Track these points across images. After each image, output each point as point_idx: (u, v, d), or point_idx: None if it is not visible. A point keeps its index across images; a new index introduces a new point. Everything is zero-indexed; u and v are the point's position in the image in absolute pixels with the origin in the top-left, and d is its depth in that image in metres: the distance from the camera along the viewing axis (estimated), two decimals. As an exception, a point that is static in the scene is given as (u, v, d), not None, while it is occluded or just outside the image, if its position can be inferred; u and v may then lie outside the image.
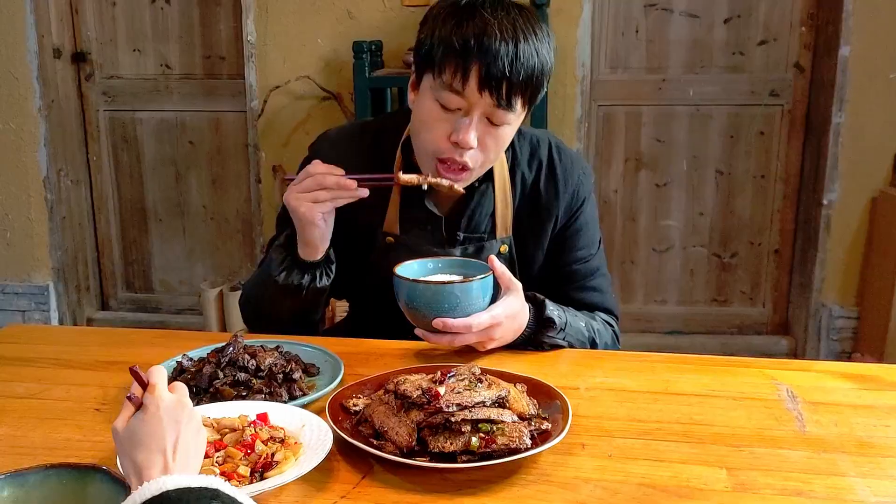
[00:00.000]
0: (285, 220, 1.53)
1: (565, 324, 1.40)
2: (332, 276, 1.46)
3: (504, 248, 1.50)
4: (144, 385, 0.89)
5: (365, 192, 1.35)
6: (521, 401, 1.09)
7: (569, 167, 1.52)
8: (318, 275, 1.43)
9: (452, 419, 1.00)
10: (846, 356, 3.25)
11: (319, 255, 1.42)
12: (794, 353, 3.40)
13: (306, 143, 1.56)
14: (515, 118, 1.35)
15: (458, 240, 1.48)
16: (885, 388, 1.27)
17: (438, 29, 1.31)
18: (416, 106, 1.40)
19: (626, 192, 3.45)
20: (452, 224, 1.49)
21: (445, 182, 1.37)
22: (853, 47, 3.03)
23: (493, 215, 1.49)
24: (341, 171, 1.35)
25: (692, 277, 3.51)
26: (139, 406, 0.88)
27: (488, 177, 1.47)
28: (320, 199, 1.34)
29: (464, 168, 1.36)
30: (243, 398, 1.18)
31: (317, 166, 1.35)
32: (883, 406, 1.20)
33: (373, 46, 3.00)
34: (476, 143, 1.33)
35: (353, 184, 1.33)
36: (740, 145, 3.35)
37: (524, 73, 1.29)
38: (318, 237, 1.38)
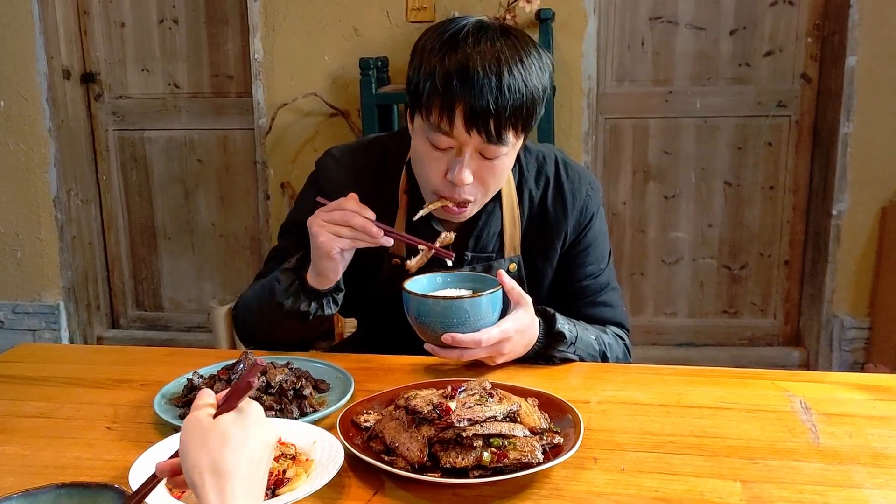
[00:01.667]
0: (288, 231, 1.53)
1: (576, 338, 1.40)
2: (339, 304, 1.45)
3: (513, 267, 1.49)
4: (235, 393, 0.84)
5: (389, 242, 1.32)
6: (533, 415, 1.09)
7: (576, 183, 1.51)
8: (325, 303, 1.41)
9: (464, 434, 1.00)
10: (859, 367, 3.23)
11: (329, 285, 1.40)
12: (806, 365, 3.37)
13: (314, 160, 1.56)
14: (510, 148, 1.33)
15: (466, 259, 1.48)
16: (899, 399, 1.26)
17: (423, 66, 1.29)
18: (412, 141, 1.39)
19: (634, 204, 3.45)
20: (460, 244, 1.47)
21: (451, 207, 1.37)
22: (860, 57, 3.02)
23: (500, 234, 1.48)
24: (372, 215, 1.31)
25: (702, 289, 3.49)
26: (228, 409, 0.83)
27: (495, 196, 1.45)
28: (342, 234, 1.31)
29: (465, 203, 1.35)
30: (254, 415, 1.18)
31: (350, 202, 1.32)
32: (898, 417, 1.19)
33: (379, 63, 3.02)
34: (472, 180, 1.32)
35: (379, 232, 1.30)
36: (748, 156, 3.35)
37: (511, 107, 1.26)
38: (331, 270, 1.36)
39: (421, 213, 1.37)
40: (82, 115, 3.66)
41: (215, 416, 0.83)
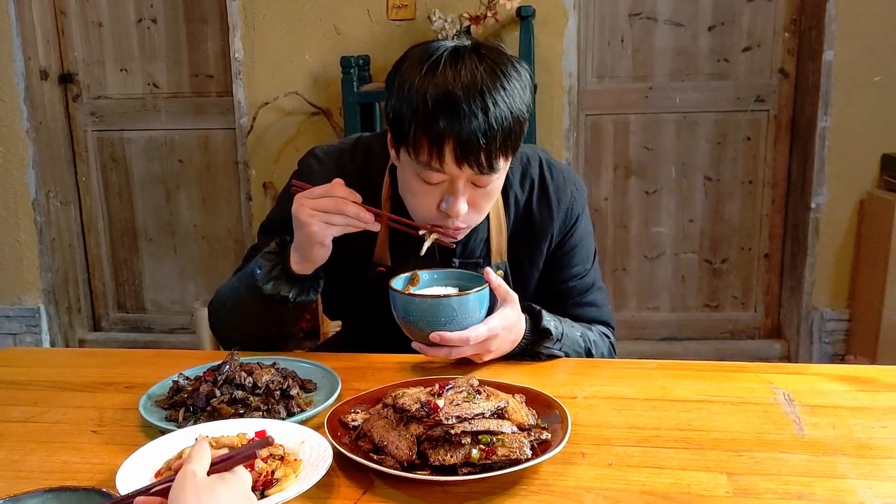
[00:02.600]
0: (270, 229, 1.52)
1: (562, 334, 1.40)
2: (318, 291, 1.44)
3: (500, 274, 1.48)
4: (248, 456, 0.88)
5: (378, 227, 1.32)
6: (520, 411, 1.09)
7: (561, 185, 1.50)
8: (306, 289, 1.41)
9: (452, 431, 1.00)
10: (839, 358, 3.27)
11: (312, 271, 1.39)
12: (788, 357, 3.41)
13: (296, 160, 1.55)
14: (501, 172, 1.32)
15: (453, 266, 1.47)
16: (881, 390, 1.27)
17: (404, 103, 1.26)
18: (399, 172, 1.37)
19: (616, 200, 3.47)
20: (446, 251, 1.46)
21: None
22: (837, 51, 3.05)
23: (487, 241, 1.48)
24: (359, 198, 1.31)
25: (684, 283, 3.52)
26: (222, 469, 0.86)
27: None
28: (334, 222, 1.30)
29: (459, 229, 1.35)
30: (241, 416, 1.18)
31: (338, 188, 1.30)
32: (880, 407, 1.20)
33: (360, 61, 3.01)
34: (466, 209, 1.32)
35: (371, 217, 1.30)
36: (728, 151, 3.37)
37: (500, 138, 1.24)
38: (321, 257, 1.35)
39: (426, 246, 1.35)
40: (60, 116, 3.63)
41: (209, 472, 0.85)
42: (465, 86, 1.22)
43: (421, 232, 1.36)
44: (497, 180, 1.33)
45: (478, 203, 1.34)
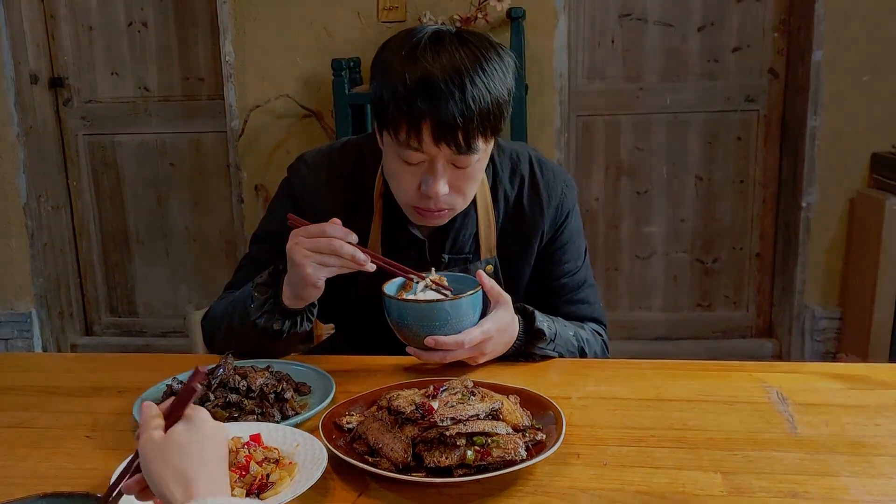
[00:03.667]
0: (262, 239, 1.52)
1: (555, 335, 1.41)
2: (312, 319, 1.42)
3: (489, 269, 1.48)
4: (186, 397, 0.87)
5: (373, 268, 1.29)
6: (515, 412, 1.09)
7: (551, 182, 1.51)
8: (299, 321, 1.39)
9: (447, 433, 1.00)
10: (831, 356, 3.28)
11: (305, 305, 1.37)
12: (780, 356, 3.42)
13: (288, 162, 1.55)
14: (482, 154, 1.32)
15: (442, 262, 1.47)
16: (873, 388, 1.28)
17: (385, 85, 1.27)
18: (384, 157, 1.38)
19: (607, 200, 3.47)
20: (436, 247, 1.47)
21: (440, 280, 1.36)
22: (826, 51, 3.07)
23: (476, 236, 1.48)
24: (356, 238, 1.28)
25: (676, 283, 3.53)
26: (176, 419, 0.86)
27: None
28: (329, 263, 1.27)
29: (441, 210, 1.35)
30: (235, 419, 1.18)
31: (335, 228, 1.27)
32: (872, 405, 1.21)
33: (351, 63, 3.01)
34: (447, 191, 1.32)
35: (367, 259, 1.27)
36: (718, 151, 3.38)
37: (478, 117, 1.25)
38: (313, 296, 1.32)
39: (418, 289, 1.34)
40: (51, 121, 3.61)
41: (166, 429, 0.86)
42: (444, 67, 1.24)
43: (415, 280, 1.36)
44: (478, 163, 1.33)
45: (460, 186, 1.34)
